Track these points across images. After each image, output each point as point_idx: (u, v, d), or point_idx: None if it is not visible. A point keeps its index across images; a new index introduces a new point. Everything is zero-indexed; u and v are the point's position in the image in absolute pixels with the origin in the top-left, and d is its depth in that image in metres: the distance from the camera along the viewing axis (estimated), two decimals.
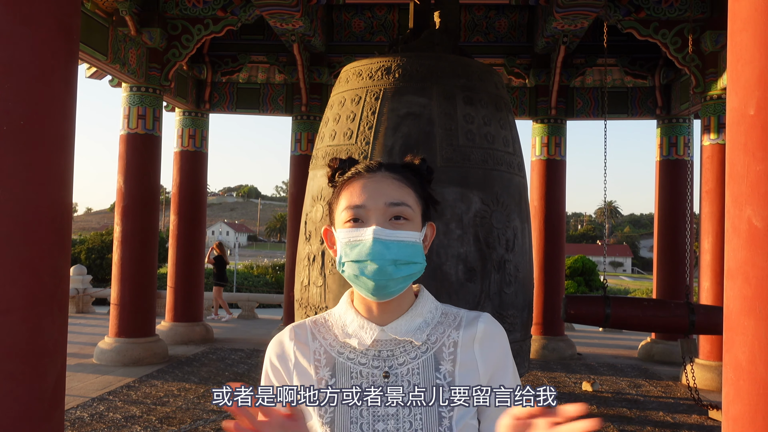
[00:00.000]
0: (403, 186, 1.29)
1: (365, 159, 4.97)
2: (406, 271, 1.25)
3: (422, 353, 1.29)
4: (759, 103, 1.84)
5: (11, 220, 2.90)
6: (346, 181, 1.31)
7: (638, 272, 75.36)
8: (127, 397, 6.75)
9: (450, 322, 1.34)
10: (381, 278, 1.23)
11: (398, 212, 1.26)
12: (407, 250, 1.24)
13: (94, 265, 27.79)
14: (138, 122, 8.53)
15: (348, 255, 1.25)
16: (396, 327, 1.30)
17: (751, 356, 1.79)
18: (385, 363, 1.28)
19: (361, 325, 1.31)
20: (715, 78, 7.89)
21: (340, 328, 1.33)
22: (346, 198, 1.28)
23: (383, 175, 1.29)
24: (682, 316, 5.92)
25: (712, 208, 7.92)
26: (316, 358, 1.32)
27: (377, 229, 1.23)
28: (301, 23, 8.37)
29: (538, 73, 9.96)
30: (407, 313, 1.31)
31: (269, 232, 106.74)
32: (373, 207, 1.25)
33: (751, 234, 1.83)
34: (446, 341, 1.31)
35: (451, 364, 1.29)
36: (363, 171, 1.30)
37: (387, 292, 1.25)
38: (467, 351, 1.30)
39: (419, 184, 1.33)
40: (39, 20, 3.00)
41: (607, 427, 6.14)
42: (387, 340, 1.30)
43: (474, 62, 5.67)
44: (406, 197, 1.28)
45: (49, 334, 3.06)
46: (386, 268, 1.22)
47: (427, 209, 1.34)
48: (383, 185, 1.27)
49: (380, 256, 1.22)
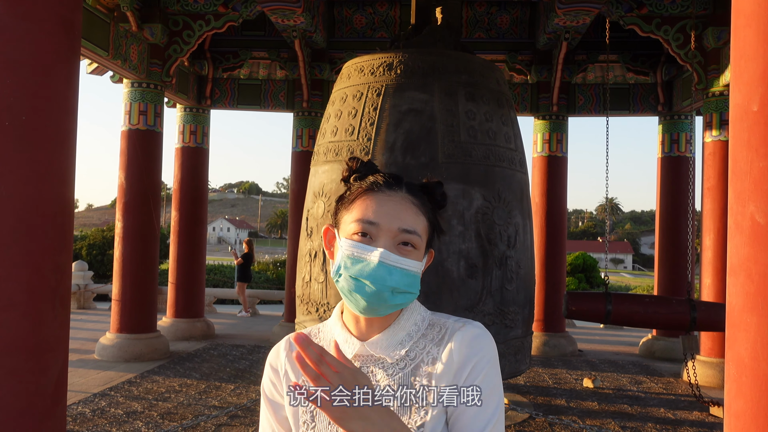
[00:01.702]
0: (419, 214, 1.27)
1: (367, 155, 4.98)
2: (400, 300, 1.24)
3: (399, 369, 1.28)
4: (762, 99, 1.84)
5: (13, 215, 2.90)
6: (364, 189, 1.28)
7: (639, 269, 75.34)
8: (128, 393, 6.76)
9: (433, 336, 1.31)
10: (375, 301, 1.23)
11: (408, 239, 1.24)
12: (407, 279, 1.24)
13: (96, 261, 27.81)
14: (139, 118, 8.53)
15: (348, 269, 1.23)
16: (376, 343, 1.29)
17: (754, 353, 1.79)
18: None
19: (345, 339, 1.31)
20: (717, 74, 7.88)
21: (328, 342, 1.34)
22: (360, 210, 1.26)
23: (403, 197, 1.27)
24: (683, 312, 5.92)
25: (714, 205, 7.91)
26: None
27: (384, 253, 1.21)
28: (302, 19, 8.36)
29: (539, 69, 9.94)
30: (389, 328, 1.30)
31: (270, 228, 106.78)
32: (386, 228, 1.23)
33: (753, 230, 1.83)
34: (425, 357, 1.29)
35: (426, 379, 1.27)
36: (383, 186, 1.27)
37: (375, 313, 1.26)
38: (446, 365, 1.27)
39: (431, 212, 1.31)
40: (40, 16, 2.99)
41: (608, 424, 6.14)
42: (367, 356, 1.30)
43: (476, 58, 5.66)
44: (418, 225, 1.26)
45: (51, 330, 3.06)
46: (383, 294, 1.22)
47: (433, 236, 1.33)
48: (401, 208, 1.25)
49: (381, 280, 1.21)
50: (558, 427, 5.98)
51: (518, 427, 5.98)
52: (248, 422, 5.82)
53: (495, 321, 4.92)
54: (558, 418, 5.63)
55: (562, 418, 6.04)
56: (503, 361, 5.14)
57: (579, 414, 6.48)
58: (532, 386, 7.67)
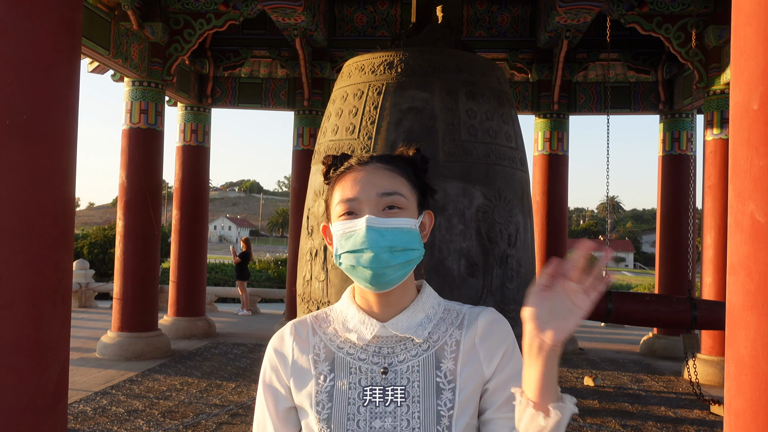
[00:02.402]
0: (396, 176, 1.28)
1: (366, 153, 4.99)
2: (402, 258, 1.23)
3: (423, 351, 1.27)
4: (762, 97, 1.84)
5: (14, 214, 2.91)
6: (339, 175, 1.30)
7: (640, 267, 75.31)
8: (129, 392, 6.77)
9: (453, 320, 1.31)
10: (378, 266, 1.21)
11: (391, 201, 1.25)
12: (403, 237, 1.23)
13: (97, 260, 27.82)
14: (140, 117, 8.54)
15: (343, 246, 1.24)
16: (397, 323, 1.28)
17: (754, 351, 1.79)
18: (384, 359, 1.27)
19: (362, 320, 1.29)
20: (718, 73, 7.87)
21: (341, 323, 1.32)
22: (339, 192, 1.28)
23: (375, 166, 1.29)
24: (684, 311, 5.92)
25: (715, 204, 7.91)
26: (315, 352, 1.31)
27: (370, 218, 1.22)
28: (303, 18, 8.36)
29: (540, 67, 9.94)
30: (408, 309, 1.29)
31: (271, 226, 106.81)
32: (366, 198, 1.24)
33: (754, 229, 1.83)
34: (448, 340, 1.28)
35: (452, 363, 1.26)
36: (354, 164, 1.30)
37: (385, 280, 1.23)
38: (470, 349, 1.28)
39: (413, 174, 1.32)
40: (41, 15, 3.00)
41: (609, 422, 6.15)
42: (388, 337, 1.28)
43: (476, 57, 5.65)
44: (398, 186, 1.27)
45: (52, 328, 3.07)
46: (382, 255, 1.20)
47: (424, 198, 1.33)
48: (375, 176, 1.27)
49: (375, 243, 1.20)
50: None
51: None
52: (249, 420, 5.83)
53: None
54: None
55: None
56: None
57: (579, 412, 6.48)
58: None
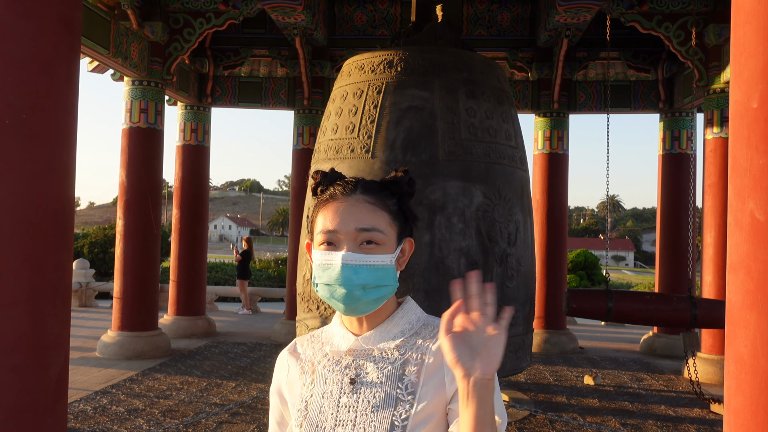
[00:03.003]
0: (377, 210, 1.31)
1: (367, 153, 4.99)
2: (375, 295, 1.29)
3: (389, 363, 1.32)
4: (762, 96, 1.84)
5: (13, 213, 2.91)
6: (323, 202, 1.34)
7: (640, 266, 75.31)
8: (130, 391, 6.77)
9: (426, 334, 1.34)
10: (350, 302, 1.28)
11: (369, 237, 1.29)
12: (376, 274, 1.28)
13: (97, 259, 27.82)
14: (140, 116, 8.53)
15: (320, 277, 1.30)
16: (369, 338, 1.34)
17: (753, 350, 1.79)
18: (355, 371, 1.33)
19: (342, 334, 1.37)
20: (718, 71, 7.86)
21: (328, 339, 1.41)
22: (321, 221, 1.32)
23: (357, 198, 1.31)
24: (684, 310, 5.92)
25: (715, 202, 7.90)
26: (302, 366, 1.41)
27: (346, 255, 1.27)
28: (302, 17, 8.35)
29: (540, 66, 9.93)
30: (383, 324, 1.35)
31: (271, 226, 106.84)
32: (345, 232, 1.28)
33: (753, 227, 1.83)
34: (414, 354, 1.32)
35: (415, 376, 1.30)
36: (339, 194, 1.32)
37: (357, 312, 1.31)
38: (436, 364, 1.29)
39: (396, 204, 1.35)
40: (40, 14, 3.00)
41: (609, 421, 6.15)
42: (362, 350, 1.34)
43: (476, 56, 5.65)
44: (378, 221, 1.30)
45: (52, 328, 3.07)
46: (354, 293, 1.27)
47: (405, 226, 1.36)
48: (356, 210, 1.30)
49: (348, 281, 1.26)
50: (558, 424, 5.98)
51: (519, 424, 5.98)
52: (249, 419, 5.83)
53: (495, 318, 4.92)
54: (558, 415, 5.64)
55: (563, 415, 6.04)
56: (504, 359, 5.14)
57: (580, 411, 6.49)
58: (533, 383, 7.67)
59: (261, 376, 7.59)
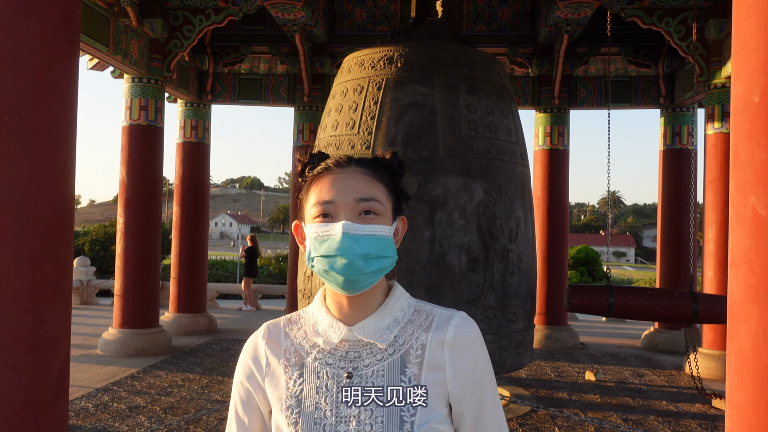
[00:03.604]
0: (373, 181, 1.28)
1: (368, 149, 4.98)
2: (376, 266, 1.23)
3: (389, 355, 1.28)
4: (764, 90, 1.83)
5: (13, 211, 2.90)
6: (315, 176, 1.29)
7: (641, 262, 75.33)
8: (131, 388, 6.78)
9: (421, 322, 1.31)
10: (351, 273, 1.22)
11: (368, 207, 1.25)
12: (378, 244, 1.23)
13: (98, 257, 27.88)
14: (140, 113, 8.53)
15: (317, 250, 1.24)
16: (363, 327, 1.28)
17: (755, 345, 1.79)
18: (351, 364, 1.27)
19: (331, 324, 1.30)
20: (719, 66, 7.85)
21: (311, 327, 1.33)
22: (316, 194, 1.27)
23: (353, 170, 1.28)
24: (685, 305, 5.92)
25: (716, 198, 7.89)
26: (286, 357, 1.32)
27: (346, 224, 1.22)
28: (302, 13, 8.34)
29: (541, 62, 9.92)
30: (376, 313, 1.30)
31: (272, 223, 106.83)
32: (343, 202, 1.24)
33: (755, 222, 1.82)
34: (414, 343, 1.29)
35: (417, 367, 1.27)
36: (332, 166, 1.28)
37: (357, 286, 1.24)
38: (435, 354, 1.28)
39: (390, 179, 1.32)
40: (40, 11, 2.99)
41: (610, 417, 6.15)
42: (355, 341, 1.29)
43: (476, 52, 5.64)
44: (376, 192, 1.27)
45: (53, 325, 3.07)
46: (356, 263, 1.21)
47: (399, 204, 1.33)
48: (353, 180, 1.26)
49: (350, 250, 1.21)
50: (560, 419, 5.98)
51: (520, 420, 5.99)
52: None
53: (497, 314, 4.93)
54: (560, 410, 5.64)
55: (564, 410, 6.04)
56: (505, 355, 5.14)
57: (581, 407, 6.49)
58: (534, 379, 7.67)
59: None
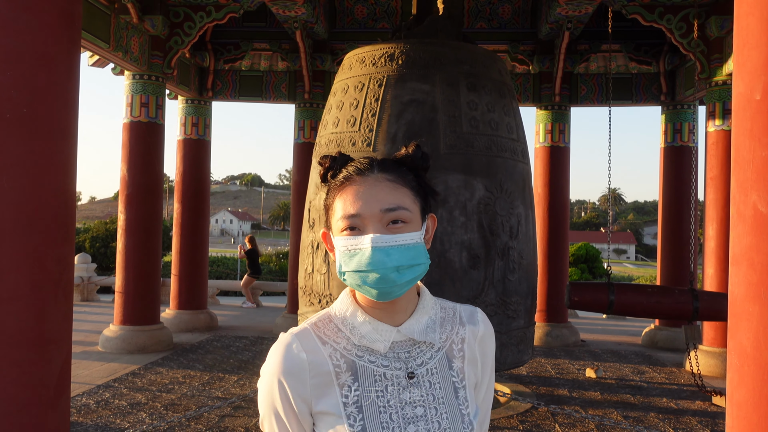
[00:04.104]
0: (398, 186, 1.23)
1: (369, 146, 4.98)
2: (409, 275, 1.21)
3: (436, 352, 1.29)
4: (765, 87, 1.83)
5: (15, 208, 2.91)
6: (338, 186, 1.25)
7: (642, 259, 75.32)
8: (132, 385, 6.79)
9: (452, 318, 1.35)
10: (385, 286, 1.19)
11: (395, 217, 1.21)
12: (409, 254, 1.20)
13: (99, 254, 27.90)
14: (141, 110, 8.52)
15: (348, 264, 1.21)
16: (410, 328, 1.27)
17: (756, 342, 1.79)
18: (405, 364, 1.26)
19: (375, 327, 1.26)
20: (720, 63, 7.83)
21: (350, 330, 1.28)
22: (341, 206, 1.23)
23: (376, 178, 1.23)
24: (685, 302, 5.92)
25: (717, 195, 7.89)
26: (335, 363, 1.25)
27: (375, 237, 1.18)
28: (303, 10, 8.33)
29: (541, 59, 9.90)
30: (416, 312, 1.29)
31: (273, 220, 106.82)
32: (369, 214, 1.20)
33: (756, 220, 1.82)
34: (455, 338, 1.32)
35: (460, 361, 1.31)
36: (354, 174, 1.24)
37: (391, 296, 1.22)
38: (471, 347, 1.33)
39: (415, 179, 1.28)
40: (41, 8, 2.99)
41: (611, 414, 6.16)
42: (403, 341, 1.27)
43: (477, 49, 5.64)
44: (402, 199, 1.22)
45: (54, 322, 3.07)
46: (389, 276, 1.18)
47: (426, 202, 1.29)
48: (377, 190, 1.22)
49: (381, 264, 1.18)
50: (560, 417, 5.99)
51: (521, 417, 5.99)
52: (251, 413, 5.84)
53: (497, 311, 4.93)
54: (560, 408, 5.64)
55: (565, 408, 6.05)
56: (506, 352, 5.15)
57: (581, 404, 6.50)
58: (535, 376, 7.68)
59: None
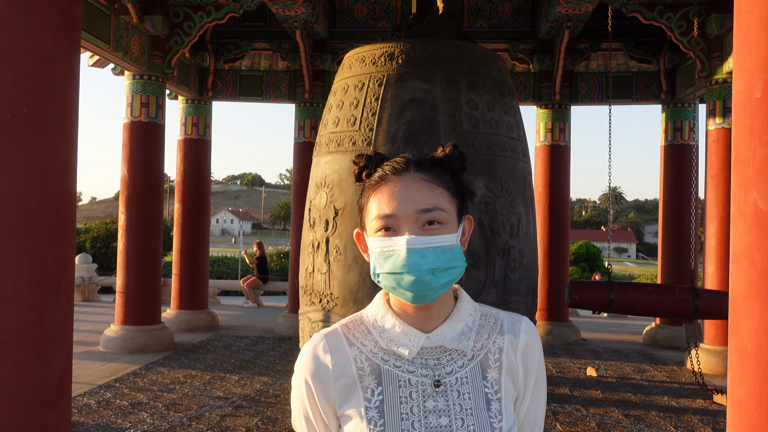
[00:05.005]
0: (435, 187, 1.21)
1: (369, 146, 4.97)
2: (445, 278, 1.18)
3: (468, 361, 1.25)
4: (765, 86, 1.83)
5: (15, 208, 2.91)
6: (373, 185, 1.23)
7: (643, 258, 75.31)
8: (133, 384, 6.79)
9: (491, 326, 1.29)
10: (420, 289, 1.17)
11: (431, 218, 1.18)
12: (445, 256, 1.18)
13: (100, 254, 27.92)
14: (141, 110, 8.53)
15: (382, 266, 1.19)
16: (441, 335, 1.23)
17: (757, 340, 1.79)
18: (433, 371, 1.22)
19: (405, 331, 1.24)
20: (720, 62, 7.83)
21: (379, 333, 1.26)
22: (376, 206, 1.21)
23: (412, 177, 1.21)
24: (686, 301, 5.91)
25: (717, 193, 7.88)
26: (359, 366, 1.24)
27: (411, 239, 1.16)
28: (303, 9, 8.32)
29: (542, 58, 9.90)
30: (450, 319, 1.25)
31: (273, 219, 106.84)
32: (404, 215, 1.18)
33: (756, 218, 1.82)
34: (492, 348, 1.27)
35: (497, 372, 1.25)
36: (390, 174, 1.22)
37: (427, 299, 1.19)
38: (510, 358, 1.27)
39: (452, 180, 1.25)
40: (40, 8, 2.99)
41: (612, 412, 6.16)
42: (432, 348, 1.24)
43: (477, 47, 5.63)
44: (438, 200, 1.20)
45: (55, 322, 3.07)
46: (424, 278, 1.16)
47: (463, 204, 1.26)
48: (413, 190, 1.19)
49: (416, 266, 1.15)
50: (561, 415, 5.99)
51: None
52: (252, 413, 5.85)
53: None
54: (561, 406, 5.65)
55: (566, 406, 6.05)
56: None
57: (582, 402, 6.50)
58: None
59: (264, 369, 7.61)
